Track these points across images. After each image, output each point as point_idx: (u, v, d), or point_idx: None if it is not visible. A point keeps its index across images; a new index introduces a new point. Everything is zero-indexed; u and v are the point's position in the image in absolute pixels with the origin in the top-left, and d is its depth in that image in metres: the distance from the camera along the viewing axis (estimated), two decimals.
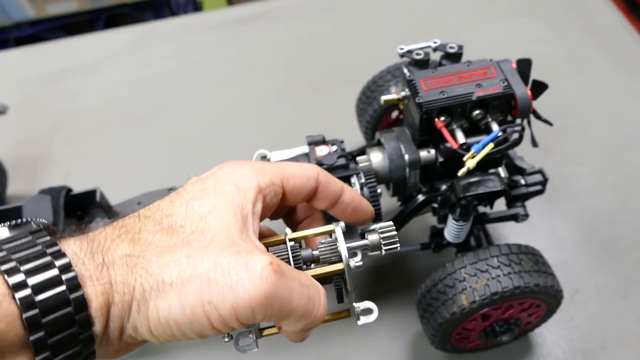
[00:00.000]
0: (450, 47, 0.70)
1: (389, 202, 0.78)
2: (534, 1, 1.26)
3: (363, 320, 0.46)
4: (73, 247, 0.35)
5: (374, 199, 0.67)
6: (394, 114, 0.92)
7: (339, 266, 0.43)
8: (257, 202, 0.41)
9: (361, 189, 0.67)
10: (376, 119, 0.88)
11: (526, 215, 0.73)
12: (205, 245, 0.35)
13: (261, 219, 0.43)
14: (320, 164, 0.68)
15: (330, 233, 0.45)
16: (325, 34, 1.26)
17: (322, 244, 0.44)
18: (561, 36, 1.18)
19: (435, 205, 0.73)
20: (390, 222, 0.45)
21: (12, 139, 1.10)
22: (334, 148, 0.70)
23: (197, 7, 2.13)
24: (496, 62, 0.67)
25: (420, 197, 0.71)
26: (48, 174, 1.04)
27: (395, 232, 0.44)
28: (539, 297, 0.66)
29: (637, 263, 0.84)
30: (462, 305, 0.64)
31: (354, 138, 0.99)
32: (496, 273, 0.64)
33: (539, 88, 0.65)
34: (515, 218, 0.73)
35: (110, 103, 1.16)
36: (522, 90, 0.64)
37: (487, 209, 0.75)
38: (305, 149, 0.72)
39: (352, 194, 0.49)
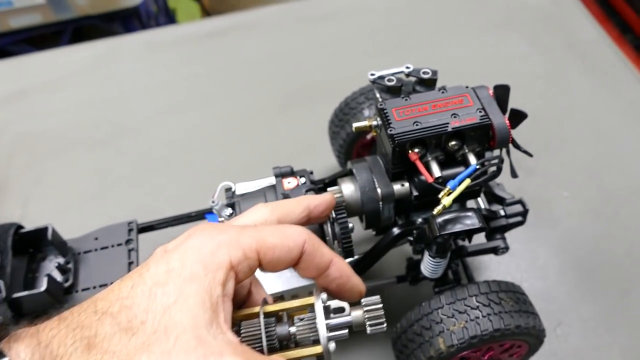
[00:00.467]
0: (424, 73, 0.66)
1: (364, 232, 0.74)
2: (513, 14, 1.23)
3: None
4: (23, 356, 0.31)
5: (345, 235, 0.62)
6: (370, 135, 0.88)
7: (317, 349, 0.38)
8: (228, 282, 0.36)
9: (332, 224, 0.63)
10: (349, 143, 0.84)
11: (506, 248, 0.69)
12: (168, 348, 0.31)
13: (234, 296, 0.38)
14: (287, 197, 0.63)
15: (310, 306, 0.41)
16: (299, 49, 1.21)
17: (301, 320, 0.40)
18: (541, 50, 1.15)
19: (411, 238, 0.69)
20: (377, 297, 0.41)
21: None
22: (303, 180, 0.66)
23: (170, 17, 2.08)
24: (472, 89, 0.63)
25: (396, 231, 0.67)
26: (4, 201, 0.98)
27: (382, 310, 0.41)
28: (520, 338, 0.62)
29: (621, 292, 0.80)
30: (440, 349, 0.60)
31: (328, 159, 0.95)
32: (475, 314, 0.60)
33: (517, 117, 0.62)
34: (494, 251, 0.70)
35: (73, 124, 1.10)
36: (500, 120, 0.60)
37: (465, 242, 0.72)
38: (272, 180, 0.68)
39: (341, 268, 0.43)
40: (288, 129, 1.06)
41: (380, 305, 0.41)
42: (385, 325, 0.41)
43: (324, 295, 0.40)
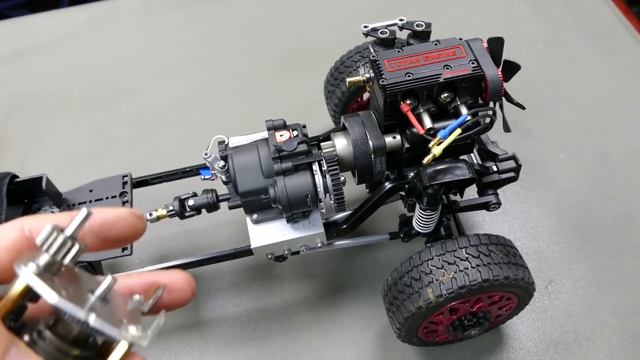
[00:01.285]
0: (418, 25, 0.66)
1: (355, 188, 0.74)
2: None
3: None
4: None
5: (337, 187, 0.63)
6: (366, 95, 0.87)
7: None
8: None
9: (323, 176, 0.63)
10: (345, 102, 0.84)
11: (498, 204, 0.69)
12: None
13: None
14: (280, 149, 0.63)
15: None
16: (294, 13, 1.20)
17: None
18: (541, 14, 1.13)
19: (403, 193, 0.69)
20: (49, 226, 0.28)
21: None
22: (295, 133, 0.66)
23: None
24: (466, 42, 0.62)
25: (387, 185, 0.67)
26: (1, 159, 0.98)
27: (62, 234, 0.28)
28: (509, 290, 0.63)
29: (614, 251, 0.81)
30: (429, 299, 0.60)
31: (323, 121, 0.95)
32: (464, 265, 0.60)
33: (511, 69, 0.61)
34: (486, 207, 0.69)
35: (69, 85, 1.10)
36: (492, 72, 0.60)
37: (457, 197, 0.72)
38: (265, 134, 0.68)
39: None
40: (283, 91, 1.05)
41: (57, 229, 0.28)
42: (81, 245, 0.29)
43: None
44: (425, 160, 0.57)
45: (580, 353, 0.73)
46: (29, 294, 0.28)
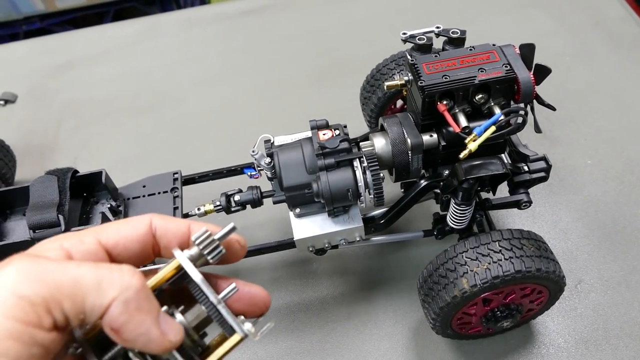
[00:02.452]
0: (453, 32, 0.70)
1: (390, 190, 0.78)
2: None
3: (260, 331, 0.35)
4: None
5: (376, 182, 0.67)
6: (399, 103, 0.92)
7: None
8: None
9: (363, 172, 0.67)
10: (380, 107, 0.88)
11: (529, 202, 0.72)
12: None
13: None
14: (323, 147, 0.67)
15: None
16: (330, 26, 1.26)
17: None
18: (568, 28, 1.17)
19: (438, 190, 0.73)
20: (204, 228, 0.35)
21: (21, 127, 1.12)
22: (337, 132, 0.70)
23: (203, 2, 2.14)
24: (499, 47, 0.67)
25: (423, 183, 0.71)
26: (55, 160, 1.05)
27: (212, 237, 0.35)
28: (540, 282, 0.66)
29: None
30: (464, 288, 0.63)
31: (358, 128, 0.99)
32: (498, 257, 0.64)
33: (542, 72, 0.65)
34: (518, 205, 0.73)
35: (116, 94, 1.17)
36: (524, 75, 0.64)
37: (489, 195, 0.75)
38: (308, 133, 0.73)
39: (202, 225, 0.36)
40: (318, 100, 1.10)
41: (209, 233, 0.35)
42: (223, 250, 0.35)
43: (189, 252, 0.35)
44: (462, 155, 0.60)
45: (610, 350, 0.75)
46: (176, 276, 0.34)
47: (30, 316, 0.28)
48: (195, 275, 0.34)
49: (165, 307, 0.34)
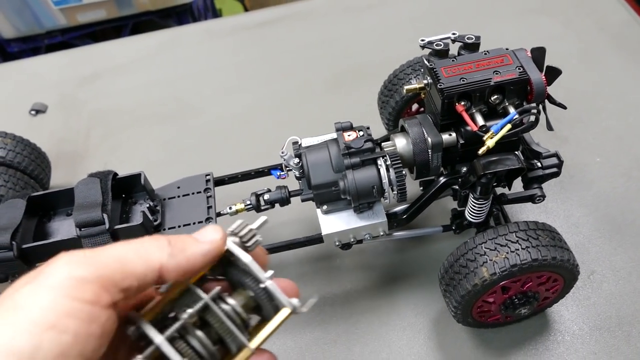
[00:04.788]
0: (468, 38, 0.75)
1: (410, 189, 0.82)
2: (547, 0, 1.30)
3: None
4: None
5: (400, 179, 0.71)
6: (414, 106, 0.96)
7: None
8: None
9: (387, 170, 0.72)
10: (398, 111, 0.93)
11: (543, 197, 0.77)
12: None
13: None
14: (349, 147, 0.72)
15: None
16: (344, 35, 1.31)
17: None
18: (574, 32, 1.22)
19: (457, 187, 0.77)
20: (239, 221, 0.39)
21: (53, 136, 1.17)
22: (361, 133, 0.75)
23: (216, 14, 2.20)
24: (512, 51, 0.71)
25: (442, 179, 0.76)
26: (86, 166, 1.10)
27: (249, 227, 0.39)
28: (556, 270, 0.70)
29: None
30: (483, 277, 0.68)
31: (375, 131, 1.03)
32: (515, 247, 0.68)
33: (553, 73, 0.70)
34: (532, 199, 0.77)
35: (141, 102, 1.22)
36: (537, 76, 0.69)
37: (505, 191, 0.80)
38: (332, 135, 0.77)
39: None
40: (337, 105, 1.15)
41: (246, 224, 0.39)
42: (260, 237, 0.39)
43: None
44: (480, 151, 0.65)
45: (623, 336, 0.79)
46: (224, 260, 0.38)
47: (87, 294, 0.30)
48: (244, 256, 0.37)
49: (216, 289, 0.37)
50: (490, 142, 0.64)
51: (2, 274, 0.78)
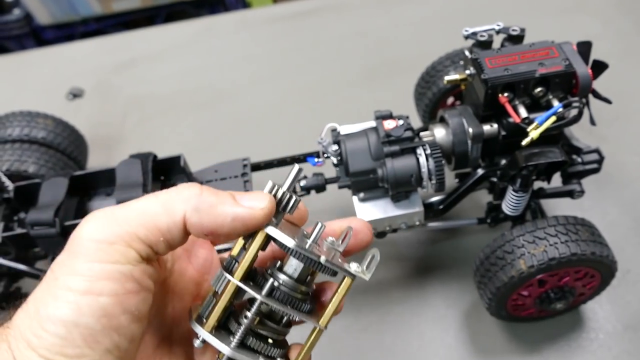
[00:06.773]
0: (513, 30, 0.75)
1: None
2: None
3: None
4: None
5: (439, 169, 0.71)
6: (449, 100, 0.96)
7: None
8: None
9: (426, 159, 0.72)
10: (434, 102, 0.93)
11: (582, 192, 0.76)
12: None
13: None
14: (389, 135, 0.72)
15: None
16: (378, 28, 1.31)
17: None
18: (613, 32, 1.20)
19: (494, 179, 0.77)
20: (271, 183, 0.36)
21: (89, 120, 1.19)
22: (401, 122, 0.75)
23: (246, 6, 2.21)
24: (558, 44, 0.71)
25: (480, 171, 0.76)
26: (121, 150, 1.12)
27: (281, 190, 0.36)
28: (594, 266, 0.69)
29: None
30: (521, 269, 0.67)
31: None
32: (554, 240, 0.68)
33: (599, 67, 0.69)
34: (571, 194, 0.77)
35: (176, 89, 1.23)
36: (583, 69, 0.68)
37: (543, 185, 0.79)
38: (372, 123, 0.78)
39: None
40: (370, 96, 1.15)
41: (277, 187, 0.36)
42: (297, 197, 0.36)
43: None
44: (524, 142, 0.65)
45: None
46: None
47: (113, 255, 0.31)
48: (288, 241, 0.33)
49: (269, 283, 0.35)
50: (534, 134, 0.64)
51: (44, 251, 0.80)
